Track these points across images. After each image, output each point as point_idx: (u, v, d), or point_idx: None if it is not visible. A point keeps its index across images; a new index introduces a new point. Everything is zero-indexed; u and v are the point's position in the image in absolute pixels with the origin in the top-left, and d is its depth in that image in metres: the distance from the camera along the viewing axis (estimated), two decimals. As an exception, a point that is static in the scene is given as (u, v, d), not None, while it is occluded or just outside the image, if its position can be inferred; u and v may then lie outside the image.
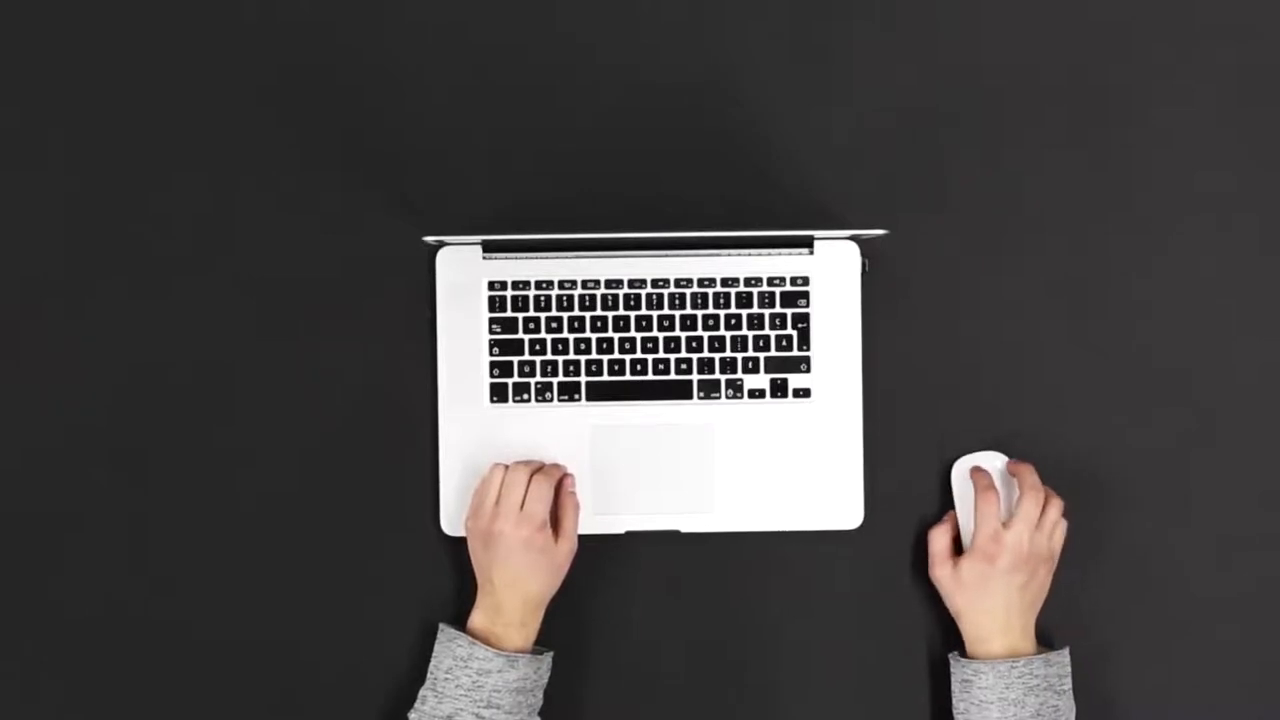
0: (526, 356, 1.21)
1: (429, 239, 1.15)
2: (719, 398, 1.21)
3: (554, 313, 1.21)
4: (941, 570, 1.17)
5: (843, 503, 1.21)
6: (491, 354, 1.21)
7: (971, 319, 1.23)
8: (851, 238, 1.21)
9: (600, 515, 1.20)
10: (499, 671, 1.11)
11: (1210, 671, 1.22)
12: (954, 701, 1.16)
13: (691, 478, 1.21)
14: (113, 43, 1.22)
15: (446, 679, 1.12)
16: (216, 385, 1.22)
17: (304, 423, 1.22)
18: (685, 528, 1.21)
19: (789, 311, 1.21)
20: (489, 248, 1.20)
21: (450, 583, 1.21)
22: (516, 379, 1.21)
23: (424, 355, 1.21)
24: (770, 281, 1.21)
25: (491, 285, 1.21)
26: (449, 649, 1.13)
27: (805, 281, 1.21)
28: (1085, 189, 1.23)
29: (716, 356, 1.21)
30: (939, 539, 1.18)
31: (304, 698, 1.21)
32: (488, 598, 1.15)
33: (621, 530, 1.21)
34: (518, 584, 1.14)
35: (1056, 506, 1.16)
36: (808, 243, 1.20)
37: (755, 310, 1.21)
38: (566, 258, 1.21)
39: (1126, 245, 1.23)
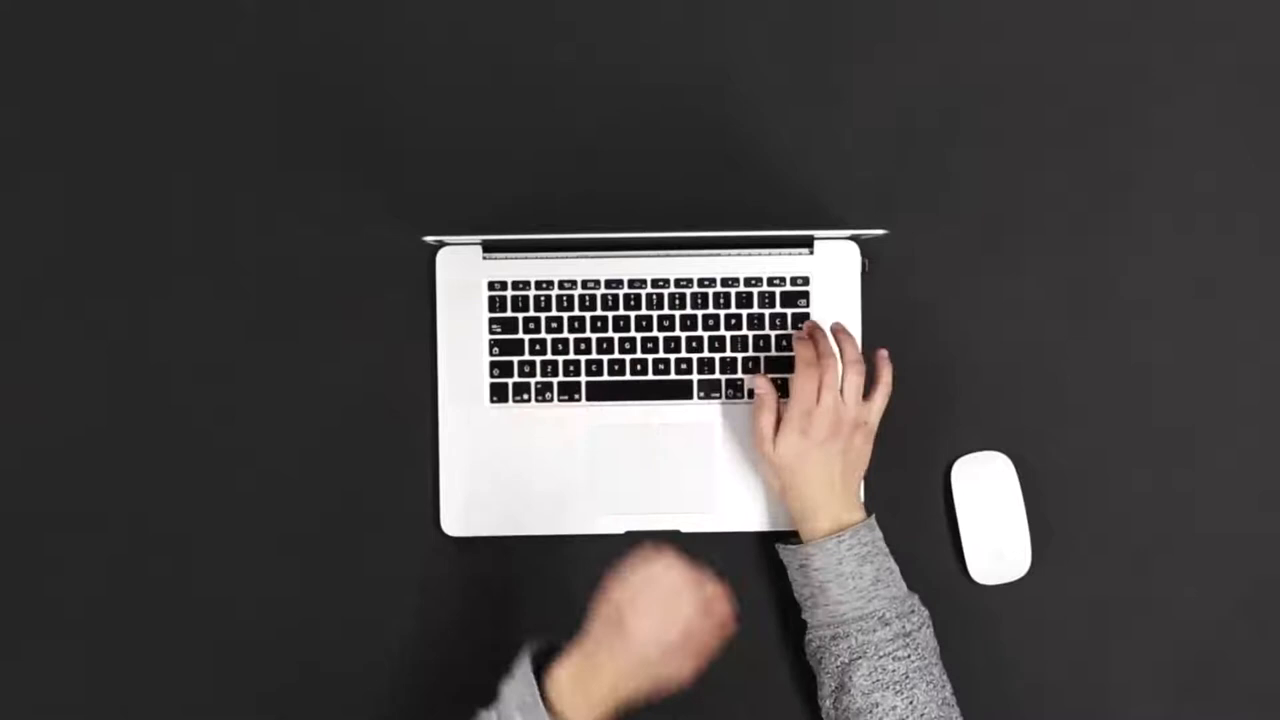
0: (526, 356, 1.21)
1: (429, 239, 1.15)
2: (719, 398, 1.21)
3: (554, 313, 1.21)
4: (765, 448, 1.15)
5: (843, 503, 1.21)
6: (491, 354, 1.21)
7: (971, 319, 1.23)
8: (851, 238, 1.21)
9: (600, 515, 1.20)
10: None
11: (1210, 671, 1.22)
12: (795, 589, 1.14)
13: (691, 478, 1.21)
14: (113, 43, 1.22)
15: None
16: (216, 385, 1.22)
17: (304, 423, 1.22)
18: (685, 528, 1.21)
19: (789, 311, 1.21)
20: (489, 248, 1.20)
21: (450, 583, 1.21)
22: (516, 379, 1.21)
23: (424, 355, 1.21)
24: (770, 281, 1.21)
25: (491, 285, 1.21)
26: (516, 690, 1.02)
27: (805, 281, 1.21)
28: (1085, 189, 1.23)
29: (716, 356, 1.21)
30: (765, 420, 1.15)
31: (304, 697, 1.21)
32: (598, 652, 1.02)
33: (621, 530, 1.21)
34: (651, 653, 1.02)
35: (857, 371, 1.13)
36: (808, 243, 1.20)
37: (755, 310, 1.21)
38: (566, 258, 1.21)
39: (1126, 245, 1.23)
